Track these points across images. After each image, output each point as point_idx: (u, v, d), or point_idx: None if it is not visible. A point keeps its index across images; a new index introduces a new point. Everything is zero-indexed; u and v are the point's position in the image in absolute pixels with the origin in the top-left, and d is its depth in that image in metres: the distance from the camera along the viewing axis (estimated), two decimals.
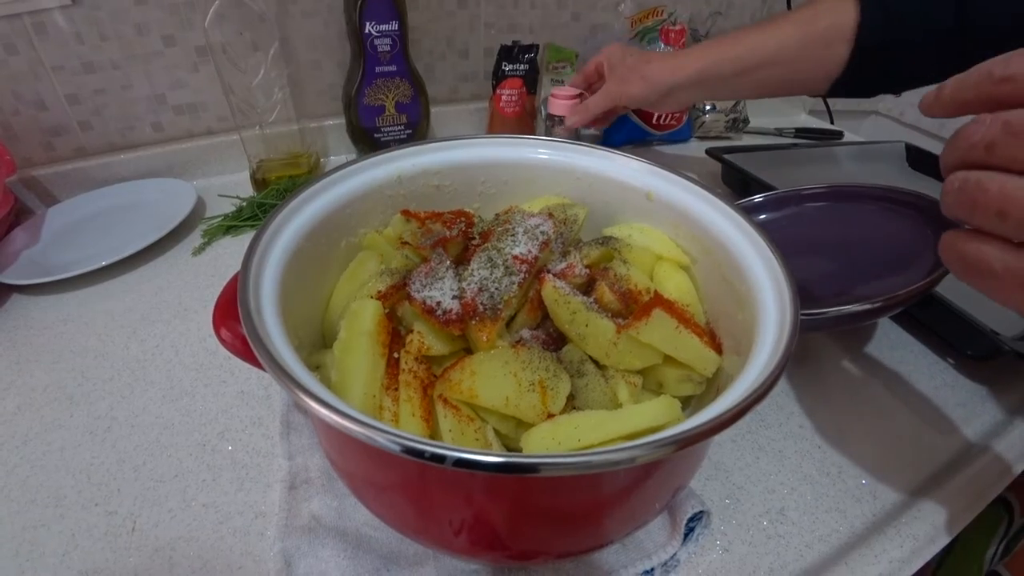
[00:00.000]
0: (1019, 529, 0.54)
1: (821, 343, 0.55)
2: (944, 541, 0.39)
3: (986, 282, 0.25)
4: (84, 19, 0.68)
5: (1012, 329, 0.49)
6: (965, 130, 0.25)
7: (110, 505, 0.39)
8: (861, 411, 0.48)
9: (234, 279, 0.33)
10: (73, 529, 0.38)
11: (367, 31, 0.72)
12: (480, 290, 0.34)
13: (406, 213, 0.42)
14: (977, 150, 0.24)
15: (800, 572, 0.37)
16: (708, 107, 0.97)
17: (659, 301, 0.34)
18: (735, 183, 0.79)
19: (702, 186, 0.40)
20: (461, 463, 0.20)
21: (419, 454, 0.21)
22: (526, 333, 0.36)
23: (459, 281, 0.35)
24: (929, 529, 0.39)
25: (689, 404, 0.37)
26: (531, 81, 0.85)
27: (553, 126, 0.80)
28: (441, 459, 0.20)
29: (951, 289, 0.53)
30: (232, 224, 0.69)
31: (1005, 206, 0.23)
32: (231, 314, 0.32)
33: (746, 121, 1.00)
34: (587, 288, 0.39)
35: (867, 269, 0.53)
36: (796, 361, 0.53)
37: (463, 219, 0.42)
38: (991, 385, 0.51)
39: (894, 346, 0.55)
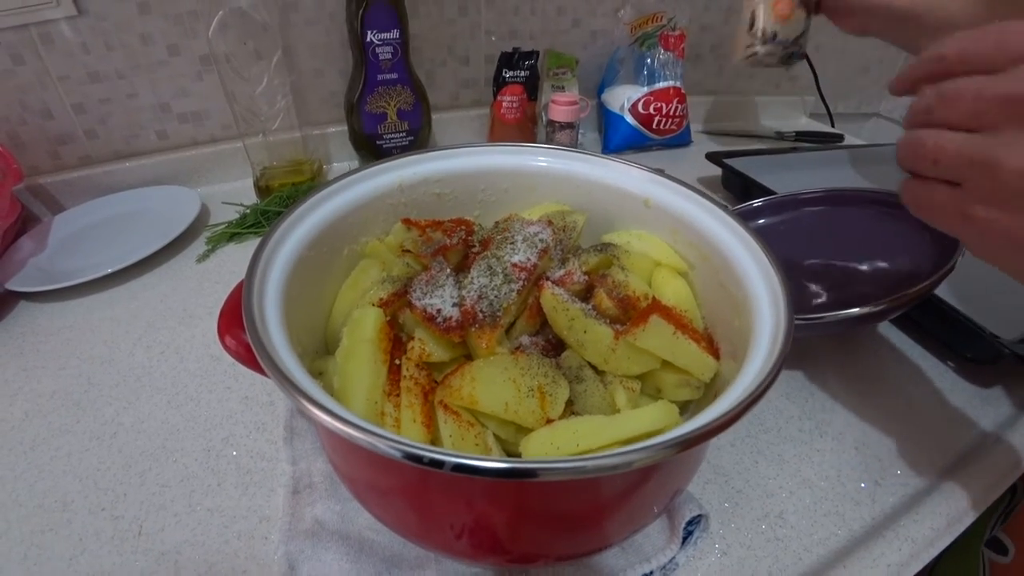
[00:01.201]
0: (1019, 501, 0.55)
1: (820, 347, 0.55)
2: (943, 544, 0.40)
3: (934, 214, 0.31)
4: (90, 29, 0.69)
5: (1012, 332, 0.49)
6: (913, 102, 0.31)
7: (116, 510, 0.40)
8: (860, 415, 0.48)
9: (238, 288, 0.33)
10: (80, 534, 0.39)
11: (368, 39, 0.73)
12: (480, 297, 0.34)
13: (407, 221, 0.42)
14: (920, 115, 0.30)
15: None
16: (771, 34, 0.73)
17: (656, 307, 0.35)
18: (735, 187, 0.80)
19: (700, 193, 0.41)
20: (459, 468, 0.21)
21: (418, 460, 0.21)
22: (525, 339, 0.36)
23: (459, 289, 0.36)
24: (928, 532, 0.39)
25: (687, 409, 0.37)
26: (532, 87, 0.86)
27: (554, 132, 0.81)
28: (440, 464, 0.21)
29: (950, 292, 0.53)
30: (236, 231, 0.70)
31: (938, 155, 0.29)
32: (235, 322, 0.32)
33: (802, 56, 0.78)
34: (586, 294, 0.39)
35: (865, 273, 0.53)
36: (795, 365, 0.53)
37: (463, 227, 0.42)
38: (992, 388, 0.51)
39: (894, 350, 0.55)
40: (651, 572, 0.36)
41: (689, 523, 0.38)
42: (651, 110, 0.90)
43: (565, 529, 0.30)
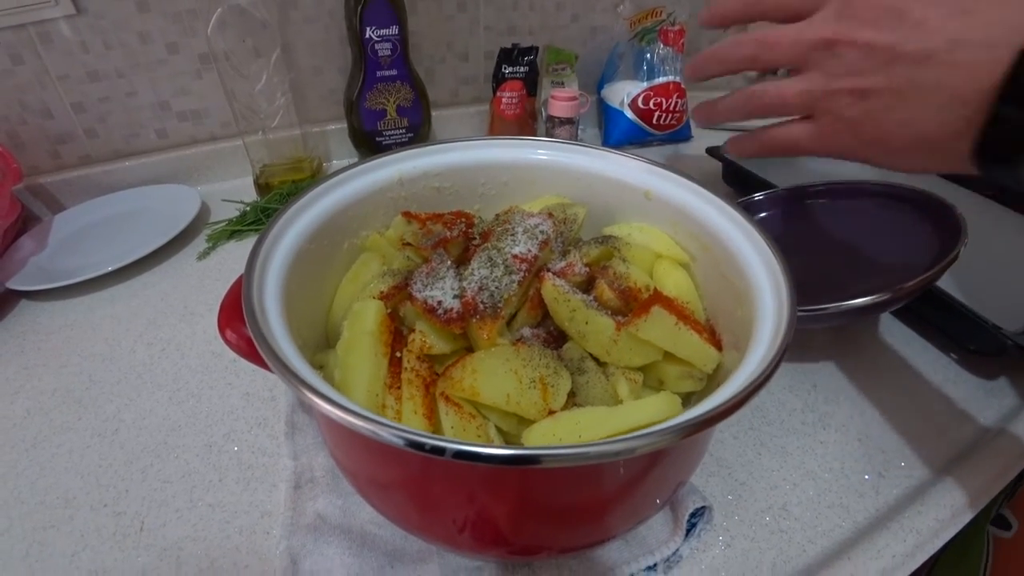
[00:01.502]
0: None
1: (822, 339, 0.55)
2: (948, 535, 0.39)
3: (798, 147, 0.36)
4: (89, 28, 0.68)
5: (1015, 323, 0.49)
6: (726, 50, 0.36)
7: (118, 506, 0.40)
8: (863, 407, 0.48)
9: (238, 282, 0.33)
10: (82, 530, 0.38)
11: (367, 36, 0.73)
12: (480, 289, 0.34)
13: (407, 215, 0.42)
14: (745, 63, 0.35)
15: (803, 567, 0.37)
16: None
17: (658, 298, 0.35)
18: (736, 182, 0.80)
19: (700, 184, 0.41)
20: (461, 455, 0.21)
21: (420, 447, 0.21)
22: (527, 331, 0.36)
23: (460, 280, 0.35)
24: (933, 524, 0.39)
25: (690, 401, 0.37)
26: (531, 83, 0.86)
27: (554, 127, 0.81)
28: (441, 451, 0.21)
29: (953, 284, 0.53)
30: (236, 229, 0.70)
31: (785, 99, 0.34)
32: (236, 315, 0.32)
33: None
34: (587, 286, 0.39)
35: (867, 264, 0.53)
36: (797, 358, 0.53)
37: (463, 220, 0.42)
38: (995, 380, 0.51)
39: (896, 342, 0.55)
40: (655, 564, 0.36)
41: (692, 515, 0.38)
42: (651, 105, 0.90)
43: (568, 520, 0.29)
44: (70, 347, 0.54)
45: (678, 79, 0.91)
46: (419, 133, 0.84)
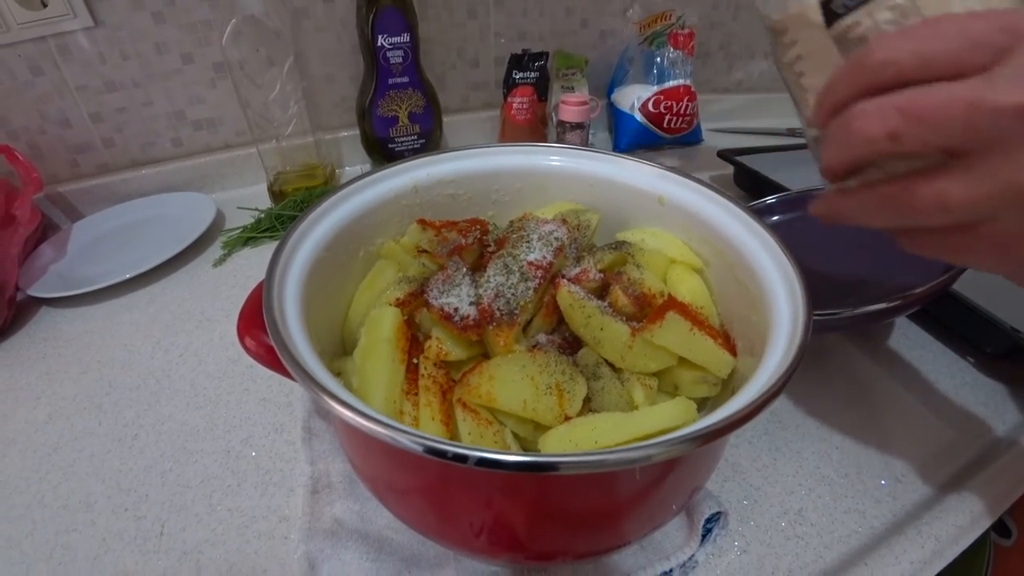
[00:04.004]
0: None
1: (838, 343, 0.54)
2: (968, 540, 0.39)
3: (958, 258, 0.27)
4: (106, 40, 0.70)
5: None
6: (854, 127, 0.24)
7: (139, 510, 0.41)
8: (880, 411, 0.48)
9: (257, 290, 0.34)
10: (104, 534, 0.39)
11: (379, 44, 0.73)
12: (496, 296, 0.34)
13: (422, 222, 0.42)
14: (882, 144, 0.23)
15: (819, 573, 0.37)
16: None
17: (672, 304, 0.35)
18: (747, 185, 0.79)
19: (714, 189, 0.41)
20: (483, 462, 0.21)
21: (441, 454, 0.21)
22: (542, 337, 0.37)
23: (476, 287, 0.36)
24: (951, 529, 0.39)
25: (705, 406, 0.37)
26: (542, 88, 0.86)
27: (564, 132, 0.81)
28: (463, 459, 0.21)
29: (968, 285, 0.52)
30: (251, 236, 0.71)
31: (945, 203, 0.23)
32: (255, 323, 0.32)
33: None
34: (601, 292, 0.39)
35: (883, 267, 0.53)
36: (813, 362, 0.52)
37: (478, 227, 0.42)
38: (1013, 383, 0.50)
39: (912, 345, 0.55)
40: (670, 570, 0.36)
41: (708, 520, 0.38)
42: (661, 109, 0.90)
43: (584, 526, 0.30)
44: (90, 353, 0.55)
45: (688, 82, 0.91)
46: (431, 139, 0.84)
